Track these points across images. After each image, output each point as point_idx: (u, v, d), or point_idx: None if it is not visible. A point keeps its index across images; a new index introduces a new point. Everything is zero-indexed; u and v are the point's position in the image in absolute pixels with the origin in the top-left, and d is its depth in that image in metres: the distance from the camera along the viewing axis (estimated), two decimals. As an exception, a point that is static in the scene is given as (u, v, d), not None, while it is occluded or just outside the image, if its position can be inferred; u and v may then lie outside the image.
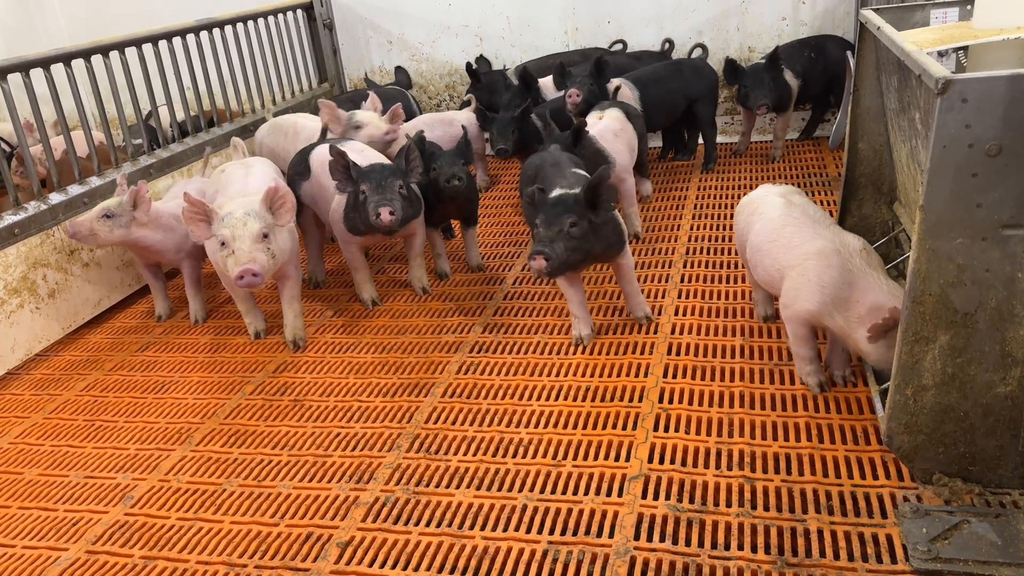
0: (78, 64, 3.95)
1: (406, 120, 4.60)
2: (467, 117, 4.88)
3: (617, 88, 4.45)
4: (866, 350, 2.31)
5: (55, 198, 3.73)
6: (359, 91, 5.56)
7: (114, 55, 4.18)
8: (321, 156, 3.69)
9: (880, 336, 2.23)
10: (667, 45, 5.31)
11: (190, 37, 4.73)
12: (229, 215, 2.94)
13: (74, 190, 3.83)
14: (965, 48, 2.55)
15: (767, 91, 4.56)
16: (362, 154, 3.62)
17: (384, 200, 3.18)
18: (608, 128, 3.84)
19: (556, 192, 2.83)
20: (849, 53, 4.62)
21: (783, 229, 2.55)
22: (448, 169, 3.50)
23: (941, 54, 2.75)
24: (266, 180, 3.41)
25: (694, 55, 5.17)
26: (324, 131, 4.14)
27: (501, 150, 4.31)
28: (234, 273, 2.86)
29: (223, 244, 2.92)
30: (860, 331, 2.29)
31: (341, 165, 3.28)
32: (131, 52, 4.28)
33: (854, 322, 2.31)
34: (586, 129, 3.64)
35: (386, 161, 3.51)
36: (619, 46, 5.54)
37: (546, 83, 4.96)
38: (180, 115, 4.96)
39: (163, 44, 4.51)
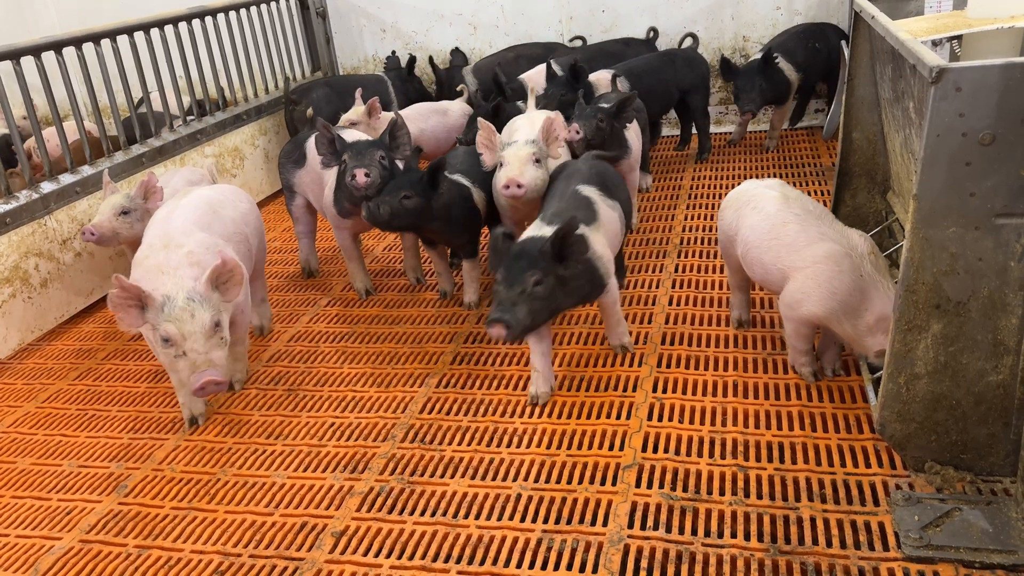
0: (69, 52, 3.92)
1: (383, 108, 4.58)
2: (460, 107, 4.87)
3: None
4: (872, 357, 2.33)
5: (47, 187, 3.71)
6: (343, 77, 5.55)
7: (106, 43, 4.15)
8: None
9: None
10: (651, 33, 5.28)
11: (182, 25, 4.70)
12: (169, 303, 2.41)
13: (66, 179, 3.81)
14: (959, 37, 2.55)
15: (757, 94, 4.48)
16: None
17: (361, 163, 3.06)
18: None
19: (523, 238, 2.51)
20: (844, 42, 4.62)
21: (785, 226, 2.48)
22: (384, 196, 3.02)
23: (935, 43, 2.75)
24: (195, 216, 2.84)
25: (685, 44, 5.14)
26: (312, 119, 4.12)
27: (459, 140, 4.32)
28: (194, 384, 2.38)
29: (166, 340, 2.41)
30: (868, 340, 2.29)
31: (326, 139, 3.21)
32: (123, 40, 4.25)
33: (862, 330, 2.30)
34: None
35: None
36: (578, 42, 5.54)
37: (531, 75, 4.94)
38: (173, 103, 4.93)
39: (155, 32, 4.48)
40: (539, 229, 2.57)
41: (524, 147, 3.02)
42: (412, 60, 5.57)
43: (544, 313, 2.41)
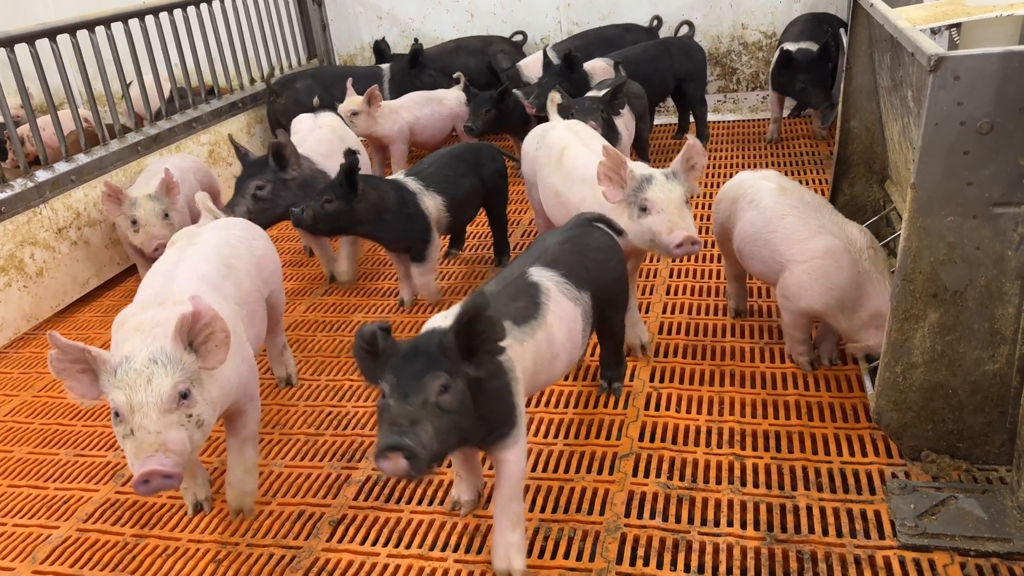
0: (64, 39, 3.90)
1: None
2: (456, 96, 4.85)
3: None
4: (855, 353, 2.36)
5: (42, 175, 3.69)
6: (330, 68, 5.53)
7: (100, 30, 4.13)
8: (299, 125, 3.81)
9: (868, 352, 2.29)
10: (655, 22, 5.26)
11: (177, 12, 4.68)
12: (124, 364, 1.81)
13: (61, 167, 3.80)
14: (958, 25, 2.54)
15: (831, 86, 4.22)
16: (336, 133, 3.70)
17: (232, 204, 3.22)
18: None
19: (421, 333, 1.82)
20: (842, 30, 4.59)
21: (783, 219, 2.47)
22: (309, 200, 3.08)
23: (934, 31, 2.75)
24: (206, 267, 2.27)
25: (681, 32, 5.12)
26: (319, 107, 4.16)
27: (467, 127, 4.31)
28: (136, 473, 1.73)
29: (117, 415, 1.80)
30: (863, 334, 2.31)
31: (240, 153, 3.32)
32: (117, 27, 4.22)
33: (857, 325, 2.31)
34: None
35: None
36: (519, 37, 5.55)
37: (527, 63, 4.92)
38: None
39: (150, 19, 4.46)
40: (444, 320, 1.90)
41: (673, 186, 2.42)
42: (416, 50, 5.30)
43: (455, 434, 1.71)
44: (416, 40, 5.40)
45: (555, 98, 3.45)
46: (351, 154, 3.16)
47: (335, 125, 3.84)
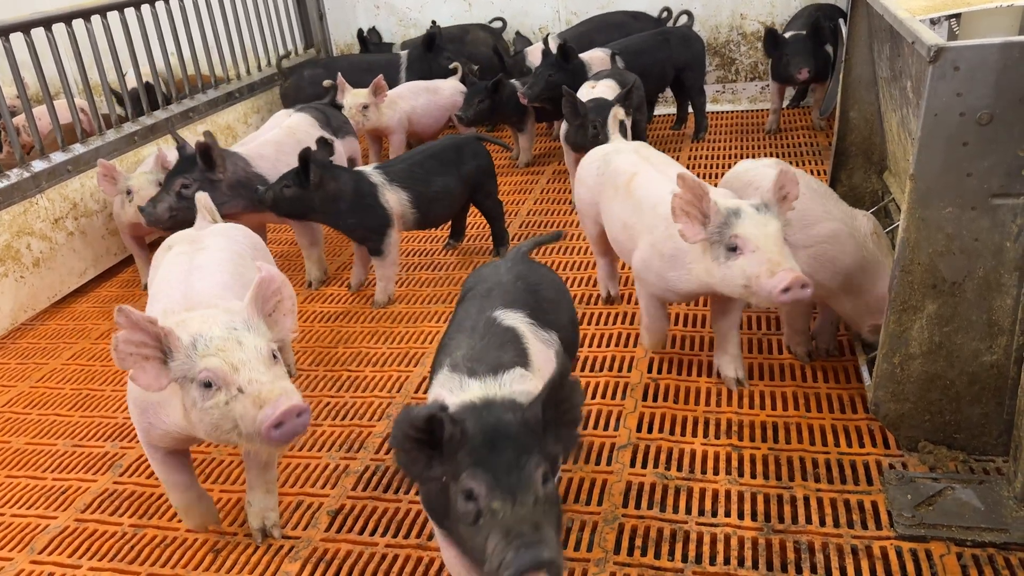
0: (59, 29, 3.87)
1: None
2: (452, 86, 4.83)
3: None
4: (867, 336, 2.34)
5: (38, 165, 3.68)
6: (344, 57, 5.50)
7: (96, 19, 4.10)
8: (271, 121, 3.86)
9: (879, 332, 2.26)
10: (664, 14, 5.24)
11: (174, 1, 4.65)
12: (202, 339, 1.73)
13: (57, 157, 3.78)
14: (958, 16, 2.53)
15: (809, 55, 4.30)
16: (294, 135, 3.64)
17: (155, 200, 3.24)
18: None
19: (477, 399, 1.52)
20: (841, 21, 4.58)
21: None
22: (272, 183, 3.18)
23: (934, 22, 2.73)
24: (222, 275, 2.20)
25: (680, 22, 5.09)
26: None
27: (458, 117, 4.32)
28: (267, 420, 1.65)
29: (209, 385, 1.71)
30: (865, 319, 2.30)
31: (178, 146, 3.32)
32: (113, 16, 4.20)
33: (860, 309, 2.31)
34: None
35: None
36: (499, 23, 5.54)
37: (533, 50, 4.91)
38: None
39: (146, 8, 4.43)
40: (462, 388, 1.60)
41: (767, 220, 2.09)
42: (432, 33, 5.14)
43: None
44: (433, 22, 5.34)
45: (618, 114, 3.18)
46: (322, 143, 3.21)
47: (296, 127, 3.71)
